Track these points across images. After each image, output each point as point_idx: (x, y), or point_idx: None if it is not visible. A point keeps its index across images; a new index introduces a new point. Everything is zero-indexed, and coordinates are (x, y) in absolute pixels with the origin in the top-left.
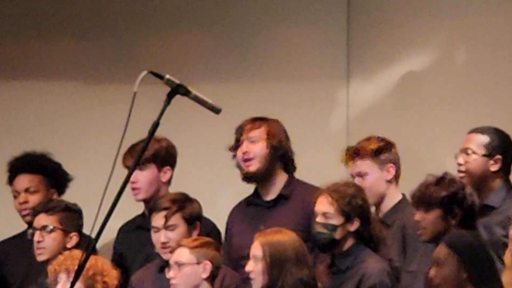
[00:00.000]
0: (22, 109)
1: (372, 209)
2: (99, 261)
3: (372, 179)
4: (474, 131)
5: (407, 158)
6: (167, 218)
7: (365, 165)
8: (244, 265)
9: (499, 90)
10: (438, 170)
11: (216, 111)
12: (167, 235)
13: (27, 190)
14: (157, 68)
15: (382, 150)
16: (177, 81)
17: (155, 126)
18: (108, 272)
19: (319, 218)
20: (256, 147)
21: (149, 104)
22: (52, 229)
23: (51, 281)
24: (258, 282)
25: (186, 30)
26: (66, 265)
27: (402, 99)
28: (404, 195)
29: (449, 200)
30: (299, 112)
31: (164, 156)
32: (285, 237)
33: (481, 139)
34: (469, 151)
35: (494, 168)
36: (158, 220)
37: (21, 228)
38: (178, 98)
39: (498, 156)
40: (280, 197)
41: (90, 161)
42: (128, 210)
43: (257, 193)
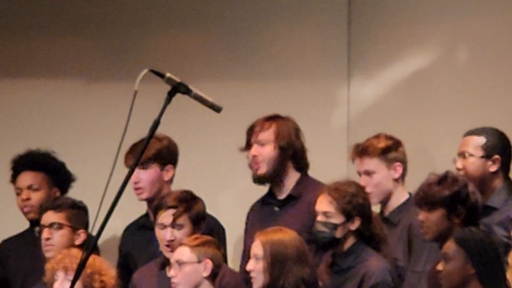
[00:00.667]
0: (23, 108)
1: (378, 207)
2: (97, 260)
3: (379, 178)
4: (469, 134)
5: (408, 157)
6: (175, 218)
7: (373, 164)
8: None
9: (501, 89)
10: (439, 169)
11: (217, 110)
12: (174, 234)
13: (30, 187)
14: (158, 67)
15: (390, 149)
16: (178, 80)
17: (156, 125)
18: (106, 272)
19: (320, 217)
20: (265, 150)
21: (150, 103)
22: (61, 226)
23: (49, 279)
24: (259, 281)
25: (187, 29)
26: (64, 263)
27: (403, 98)
28: (411, 194)
29: (453, 199)
30: (300, 111)
31: (166, 155)
32: (286, 236)
33: (478, 141)
34: (467, 154)
35: (493, 169)
36: (166, 218)
37: (23, 227)
38: (179, 97)
39: (496, 156)
40: (290, 197)
41: (91, 160)
42: (130, 210)
43: (272, 192)
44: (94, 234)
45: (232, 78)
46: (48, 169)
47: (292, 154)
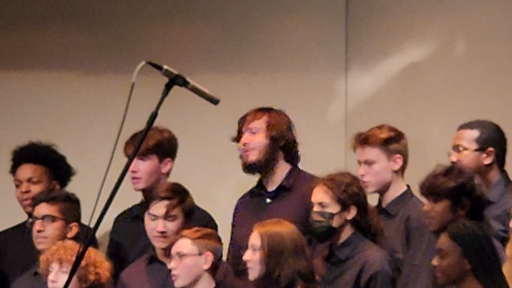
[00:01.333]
0: (20, 100)
1: (376, 200)
2: (92, 253)
3: (379, 168)
4: (463, 127)
5: None
6: (169, 209)
7: (374, 153)
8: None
9: (498, 81)
10: (436, 161)
11: (214, 102)
12: (166, 225)
13: (30, 180)
14: (156, 59)
15: (392, 140)
16: (175, 72)
17: (153, 117)
18: (101, 264)
19: (316, 207)
20: (256, 138)
21: (148, 95)
22: (54, 219)
23: (43, 271)
24: (255, 272)
25: (185, 21)
26: (59, 255)
27: (401, 90)
28: (409, 187)
29: (458, 191)
30: (298, 103)
31: (166, 147)
32: (284, 228)
33: (471, 134)
34: (461, 148)
35: (488, 161)
36: (159, 209)
37: (21, 218)
38: (176, 89)
39: (490, 149)
40: (281, 188)
41: (88, 152)
42: (126, 201)
43: (261, 184)
44: (92, 226)
45: (230, 71)
46: (49, 162)
47: (283, 145)
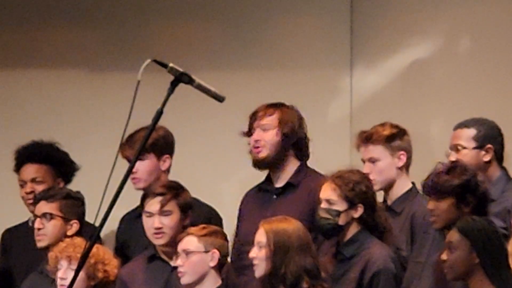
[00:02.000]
0: (25, 98)
1: (381, 197)
2: (101, 250)
3: (383, 165)
4: (459, 127)
5: None
6: (163, 204)
7: (377, 151)
8: (250, 251)
9: (502, 78)
10: (440, 158)
11: (220, 100)
12: (162, 221)
13: (34, 180)
14: (161, 57)
15: (395, 137)
16: (181, 70)
17: (159, 115)
18: (110, 261)
19: (323, 204)
20: (268, 135)
21: (153, 93)
22: (52, 217)
23: (52, 268)
24: (261, 269)
25: (190, 19)
26: (68, 252)
27: (406, 87)
28: (414, 184)
29: (462, 189)
30: (303, 100)
31: (163, 145)
32: (290, 225)
33: (468, 133)
34: (459, 147)
35: (487, 158)
36: (153, 205)
37: (26, 216)
38: (182, 87)
39: (489, 146)
40: (288, 185)
41: (94, 150)
42: (132, 200)
43: (269, 179)
44: (97, 225)
45: (235, 68)
46: (52, 161)
47: (295, 142)
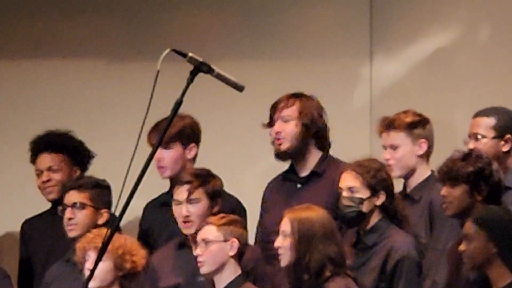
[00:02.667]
0: (46, 88)
1: (400, 186)
2: (128, 241)
3: (403, 152)
4: (479, 115)
5: None
6: (190, 192)
7: (398, 137)
8: (275, 241)
9: None
10: (460, 146)
11: (239, 89)
12: (189, 209)
13: (50, 169)
14: (180, 46)
15: (417, 125)
16: (200, 59)
17: (178, 104)
18: (137, 252)
19: (345, 193)
20: (288, 127)
21: (172, 82)
22: (83, 206)
23: (79, 259)
24: (286, 258)
25: (210, 8)
26: (96, 243)
27: (425, 76)
28: (433, 172)
29: (476, 176)
30: (323, 89)
31: (189, 134)
32: (314, 214)
33: (488, 122)
34: (479, 136)
35: (506, 148)
36: (181, 194)
37: (44, 206)
38: (201, 76)
39: (508, 136)
40: (313, 174)
41: (114, 139)
42: (153, 189)
43: (293, 169)
44: (118, 213)
45: (254, 57)
46: (67, 150)
47: (315, 132)
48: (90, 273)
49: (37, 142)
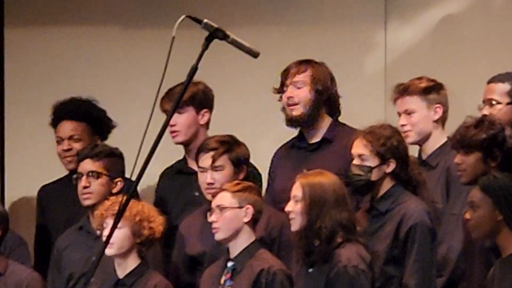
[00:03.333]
0: (61, 55)
1: (416, 152)
2: (146, 207)
3: (419, 117)
4: (494, 81)
5: None
6: (214, 159)
7: (413, 102)
8: (283, 207)
9: None
10: (475, 113)
11: (254, 55)
12: (214, 176)
13: (71, 138)
14: (195, 13)
15: (432, 90)
16: (215, 25)
17: (194, 70)
18: (155, 218)
19: (355, 161)
20: (301, 92)
21: (188, 49)
22: (99, 175)
23: (98, 226)
24: (297, 222)
25: None
26: (113, 211)
27: (440, 42)
28: (449, 138)
29: (489, 143)
30: (337, 56)
31: (202, 99)
32: (326, 179)
33: (503, 88)
34: (493, 102)
35: None
36: (205, 161)
37: (62, 172)
38: (216, 42)
39: None
40: (324, 141)
41: (129, 106)
42: (168, 155)
43: (302, 136)
44: (134, 179)
45: (269, 23)
46: (90, 119)
47: (327, 99)
48: (106, 240)
49: (61, 108)
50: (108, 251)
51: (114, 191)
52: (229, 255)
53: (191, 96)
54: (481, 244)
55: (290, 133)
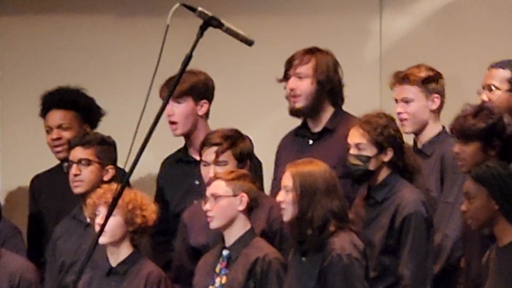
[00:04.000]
0: (55, 43)
1: (411, 140)
2: (138, 196)
3: (417, 106)
4: (495, 66)
5: None
6: (218, 154)
7: (412, 92)
8: None
9: None
10: (471, 101)
11: (249, 43)
12: (217, 171)
13: (60, 126)
14: (190, 1)
15: (431, 80)
16: (210, 14)
17: (188, 58)
18: (147, 206)
19: (353, 150)
20: (303, 84)
21: (182, 37)
22: (89, 163)
23: (90, 214)
24: (289, 212)
25: None
26: (106, 198)
27: (436, 29)
28: (444, 127)
29: (488, 132)
30: (332, 44)
31: (201, 89)
32: (316, 168)
33: (503, 74)
34: (493, 87)
35: None
36: (209, 155)
37: (54, 161)
38: (211, 31)
39: None
40: (325, 130)
41: (124, 94)
42: (163, 144)
43: (306, 125)
44: (128, 169)
45: (264, 12)
46: (78, 107)
47: (330, 89)
48: (101, 228)
49: (49, 98)
50: (101, 239)
51: (106, 179)
52: (224, 244)
53: (190, 87)
54: (481, 233)
55: (287, 121)
